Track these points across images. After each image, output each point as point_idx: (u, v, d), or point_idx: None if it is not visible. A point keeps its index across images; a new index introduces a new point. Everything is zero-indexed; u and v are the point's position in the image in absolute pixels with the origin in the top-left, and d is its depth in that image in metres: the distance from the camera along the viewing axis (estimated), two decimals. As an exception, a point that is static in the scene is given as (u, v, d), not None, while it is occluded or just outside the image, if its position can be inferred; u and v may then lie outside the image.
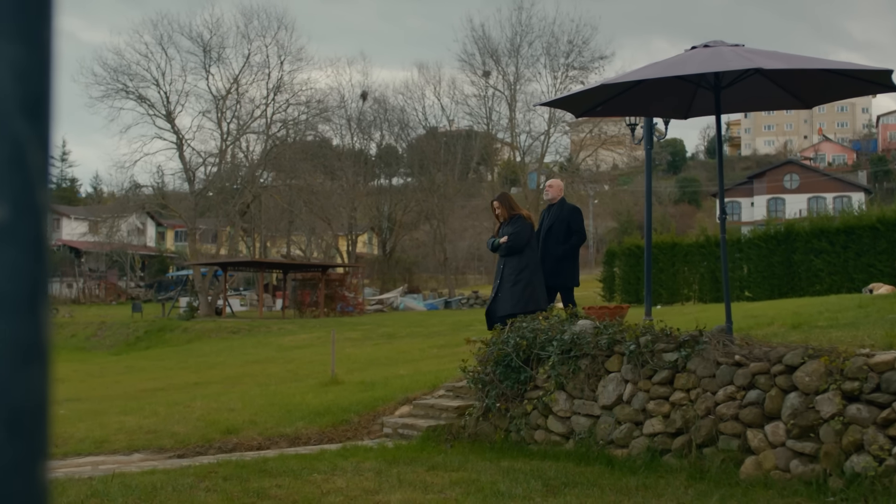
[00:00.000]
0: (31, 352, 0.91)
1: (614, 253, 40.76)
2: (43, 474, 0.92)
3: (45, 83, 0.93)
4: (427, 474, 8.90)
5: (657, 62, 9.59)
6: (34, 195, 0.92)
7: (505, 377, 10.60)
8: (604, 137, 60.74)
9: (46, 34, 0.93)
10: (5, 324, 0.90)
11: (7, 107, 0.91)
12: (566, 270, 12.71)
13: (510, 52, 57.92)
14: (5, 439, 0.89)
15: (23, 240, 0.91)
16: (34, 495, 0.91)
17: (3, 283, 0.90)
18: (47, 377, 0.93)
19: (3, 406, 0.89)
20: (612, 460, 9.27)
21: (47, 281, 0.93)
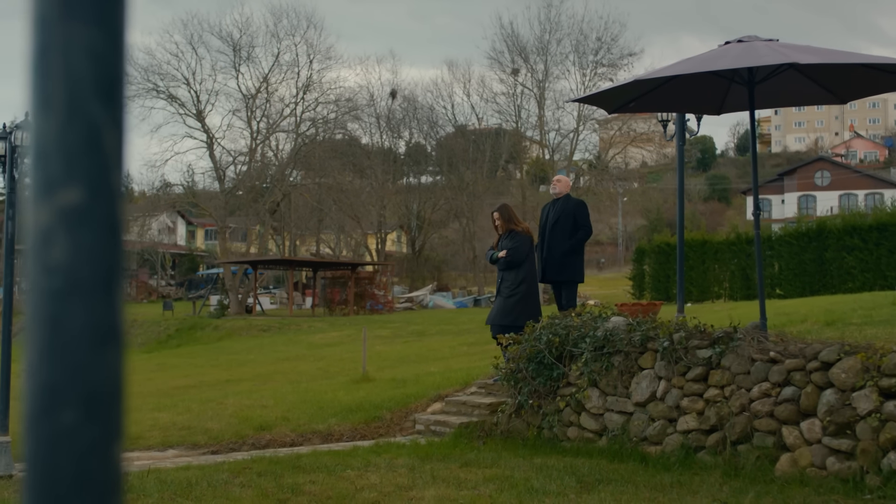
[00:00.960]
0: (108, 334, 0.92)
1: (644, 251, 40.65)
2: (119, 456, 0.93)
3: (119, 66, 0.94)
4: (460, 471, 8.90)
5: (690, 57, 9.55)
6: (109, 178, 0.93)
7: (537, 374, 10.58)
8: (633, 135, 60.53)
9: (119, 17, 0.94)
10: (82, 307, 0.91)
11: (83, 89, 0.92)
12: (572, 265, 12.53)
13: (539, 50, 57.83)
14: (83, 422, 0.90)
15: (98, 222, 0.92)
16: (111, 476, 0.92)
17: (79, 266, 0.91)
18: (122, 360, 0.94)
19: (81, 389, 0.90)
20: (646, 457, 9.24)
21: (122, 264, 0.94)
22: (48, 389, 0.90)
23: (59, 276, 0.90)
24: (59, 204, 0.90)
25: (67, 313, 0.90)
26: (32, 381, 0.91)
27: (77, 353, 0.90)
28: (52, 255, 0.90)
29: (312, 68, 56.70)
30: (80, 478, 0.90)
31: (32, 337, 0.91)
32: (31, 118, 0.92)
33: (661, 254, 38.42)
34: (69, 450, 0.89)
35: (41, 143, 0.91)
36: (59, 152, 0.91)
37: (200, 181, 61.49)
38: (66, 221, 0.90)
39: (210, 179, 57.94)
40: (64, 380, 0.90)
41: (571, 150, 59.23)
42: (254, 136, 54.62)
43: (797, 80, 10.04)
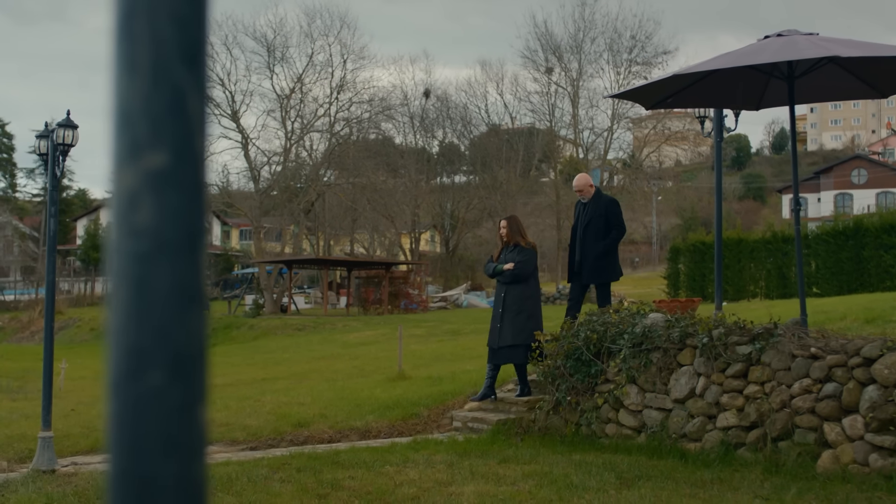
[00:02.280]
0: (192, 296, 0.93)
1: (679, 249, 40.43)
2: (203, 417, 0.93)
3: (202, 31, 0.94)
4: (499, 467, 8.89)
5: (729, 52, 9.49)
6: (193, 142, 0.93)
7: (575, 371, 10.56)
8: (668, 133, 60.26)
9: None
10: (167, 269, 0.91)
11: (167, 53, 0.92)
12: (607, 267, 12.22)
13: (573, 49, 57.69)
14: (169, 383, 0.91)
15: (183, 185, 0.92)
16: (195, 437, 0.93)
17: (164, 227, 0.91)
18: (204, 321, 0.94)
19: (166, 350, 0.91)
20: (685, 454, 9.20)
21: (205, 226, 0.94)
22: (134, 352, 0.90)
23: (145, 238, 0.90)
24: (145, 167, 0.91)
25: (153, 275, 0.90)
26: (118, 343, 0.91)
27: (162, 314, 0.91)
28: (137, 218, 0.91)
29: (346, 68, 56.84)
30: (166, 439, 0.90)
31: (118, 300, 0.91)
32: (115, 82, 0.93)
33: (696, 252, 38.20)
34: (156, 411, 0.90)
35: (126, 107, 0.92)
36: (144, 116, 0.91)
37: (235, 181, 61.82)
38: (152, 184, 0.91)
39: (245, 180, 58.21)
40: (150, 342, 0.90)
41: (605, 149, 59.05)
42: (288, 137, 54.82)
43: (838, 74, 9.96)
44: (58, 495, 7.75)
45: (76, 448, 10.91)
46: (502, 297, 11.79)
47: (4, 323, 53.59)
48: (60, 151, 9.40)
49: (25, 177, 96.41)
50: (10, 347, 42.05)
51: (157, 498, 0.90)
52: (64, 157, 9.45)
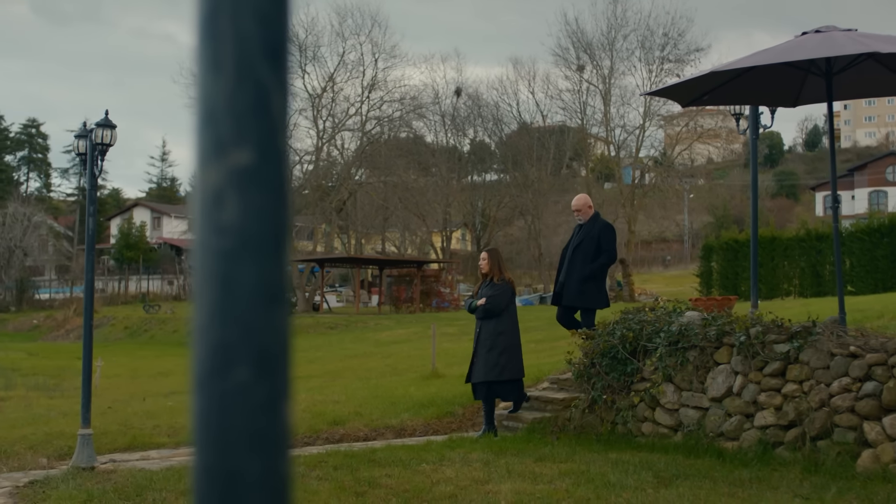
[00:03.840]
0: (276, 293, 0.93)
1: (711, 247, 40.24)
2: (287, 413, 0.94)
3: (285, 29, 0.95)
4: (535, 465, 8.88)
5: (766, 49, 9.43)
6: (277, 139, 0.94)
7: (611, 369, 10.53)
8: (700, 131, 59.96)
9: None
10: (253, 266, 0.92)
11: (251, 51, 0.93)
12: (590, 292, 11.53)
13: (604, 46, 57.49)
14: (255, 379, 0.91)
15: (267, 183, 0.93)
16: (280, 433, 0.93)
17: (249, 225, 0.92)
18: (288, 318, 0.95)
19: (252, 347, 0.91)
20: (723, 453, 9.15)
21: (289, 224, 0.95)
22: (220, 348, 0.91)
23: (230, 235, 0.91)
24: (230, 165, 0.91)
25: (238, 272, 0.91)
26: (204, 340, 0.92)
27: (248, 311, 0.91)
28: (223, 216, 0.91)
29: (377, 67, 56.97)
30: (252, 435, 0.91)
31: (203, 297, 0.92)
32: (199, 79, 0.93)
33: (728, 251, 38.02)
34: (242, 407, 0.90)
35: (210, 105, 0.92)
36: (229, 114, 0.92)
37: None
38: (237, 182, 0.91)
39: (277, 178, 58.38)
40: (236, 338, 0.91)
41: (637, 147, 58.83)
42: (319, 135, 55.01)
43: (876, 70, 9.87)
44: (98, 492, 7.81)
45: (114, 445, 11.00)
46: (477, 333, 11.54)
47: (40, 321, 54.09)
48: (99, 151, 9.47)
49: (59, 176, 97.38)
50: (46, 345, 42.45)
51: (243, 493, 0.90)
52: (102, 156, 9.53)
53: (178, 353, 34.77)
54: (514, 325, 11.48)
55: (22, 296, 63.14)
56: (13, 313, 59.42)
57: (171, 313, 50.22)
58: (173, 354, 34.22)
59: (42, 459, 10.21)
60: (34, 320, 54.93)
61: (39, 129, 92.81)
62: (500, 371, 11.17)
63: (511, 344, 11.36)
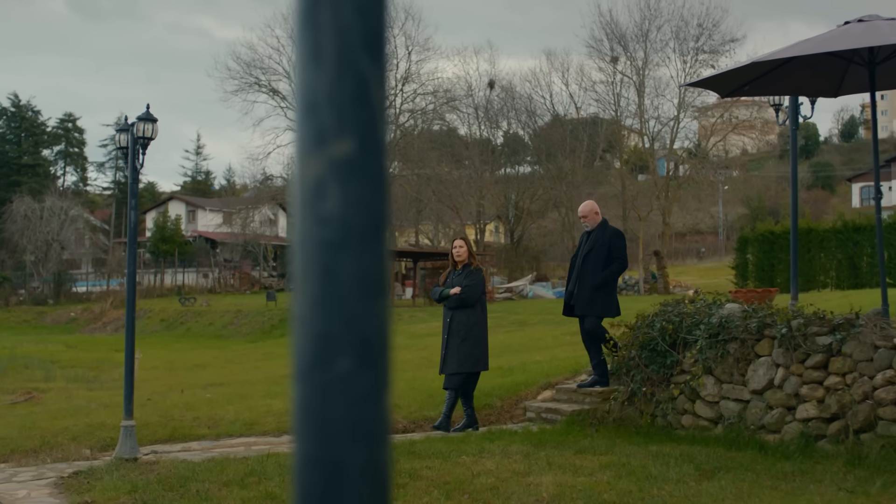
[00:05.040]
0: (377, 284, 0.93)
1: (747, 239, 40.02)
2: (388, 403, 0.94)
3: (383, 20, 0.95)
4: (575, 457, 8.87)
5: (808, 38, 9.36)
6: (377, 131, 0.94)
7: (650, 361, 10.50)
8: (735, 122, 59.55)
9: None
10: (354, 257, 0.92)
11: (352, 42, 0.93)
12: (601, 301, 11.27)
13: (638, 38, 57.16)
14: (357, 370, 0.92)
15: (368, 174, 0.93)
16: (381, 423, 0.93)
17: (351, 216, 0.92)
18: (388, 309, 0.95)
19: (354, 337, 0.92)
20: (764, 445, 9.10)
21: (388, 215, 0.95)
22: (323, 339, 0.91)
23: (332, 226, 0.91)
24: (332, 156, 0.92)
25: (340, 263, 0.91)
26: (306, 331, 0.92)
27: (350, 302, 0.92)
28: (324, 207, 0.92)
29: (411, 60, 57.02)
30: (354, 425, 0.91)
31: (305, 287, 0.92)
32: (299, 71, 0.94)
33: (764, 242, 37.79)
34: (344, 397, 0.91)
35: (311, 96, 0.93)
36: (330, 104, 0.92)
37: (300, 173, 62.07)
38: (338, 173, 0.92)
39: (311, 171, 58.59)
40: (338, 329, 0.91)
41: (671, 139, 58.52)
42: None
43: (920, 59, 9.76)
44: (142, 483, 7.88)
45: (155, 437, 11.08)
46: (448, 323, 11.41)
47: (77, 314, 54.56)
48: (140, 144, 9.54)
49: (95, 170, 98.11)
50: (84, 338, 42.82)
51: (345, 483, 0.91)
52: (144, 150, 9.59)
53: (215, 346, 35.00)
54: (485, 316, 11.44)
55: (59, 289, 63.70)
56: (51, 306, 59.98)
57: (207, 306, 50.53)
58: (210, 347, 34.46)
59: (85, 450, 10.30)
60: (72, 313, 55.42)
61: (76, 123, 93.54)
62: (474, 363, 11.16)
63: (484, 336, 11.36)
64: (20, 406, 15.05)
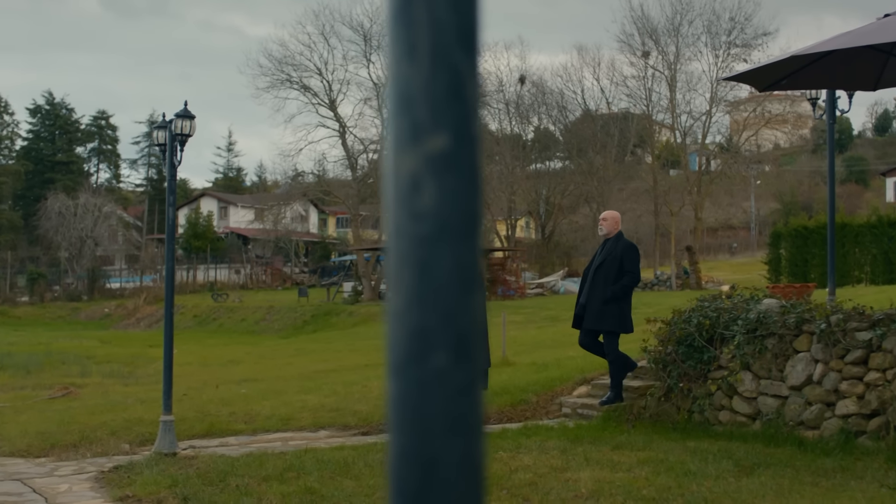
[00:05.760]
0: (471, 278, 0.93)
1: (780, 234, 39.78)
2: (481, 397, 0.94)
3: (477, 15, 0.95)
4: (612, 453, 8.85)
5: (847, 32, 9.28)
6: (472, 125, 0.94)
7: (687, 357, 10.45)
8: (767, 116, 59.13)
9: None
10: (449, 251, 0.92)
11: (446, 38, 0.93)
12: (612, 315, 10.94)
13: (670, 32, 56.82)
14: (453, 364, 0.92)
15: (463, 168, 0.93)
16: (476, 417, 0.94)
17: (446, 211, 0.92)
18: (482, 303, 0.95)
19: (450, 332, 0.92)
20: (803, 442, 9.05)
21: (482, 209, 0.95)
22: (419, 334, 0.92)
23: (428, 221, 0.92)
24: (427, 150, 0.92)
25: (435, 258, 0.92)
26: (401, 326, 0.93)
27: (446, 297, 0.92)
28: (420, 201, 0.92)
29: (441, 55, 56.82)
30: (450, 419, 0.91)
31: (401, 282, 0.93)
32: (393, 65, 0.94)
33: (797, 237, 37.55)
34: (440, 392, 0.91)
35: (406, 91, 0.93)
36: (425, 99, 0.92)
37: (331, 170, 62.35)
38: (433, 167, 0.92)
39: (342, 168, 58.77)
40: (434, 323, 0.91)
41: (703, 133, 58.23)
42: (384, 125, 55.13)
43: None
44: (182, 477, 7.93)
45: (192, 432, 11.14)
46: None
47: (111, 310, 54.98)
48: (178, 141, 9.60)
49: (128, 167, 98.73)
50: (118, 334, 43.14)
51: (442, 477, 0.91)
52: (182, 146, 9.65)
53: (248, 342, 35.15)
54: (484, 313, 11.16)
55: (93, 285, 64.19)
56: (85, 302, 60.46)
57: (239, 302, 50.77)
58: (243, 343, 34.62)
59: (124, 445, 10.38)
60: (105, 309, 55.85)
61: (109, 120, 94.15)
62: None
63: (484, 332, 11.07)
64: (58, 401, 15.18)
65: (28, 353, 26.89)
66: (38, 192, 77.06)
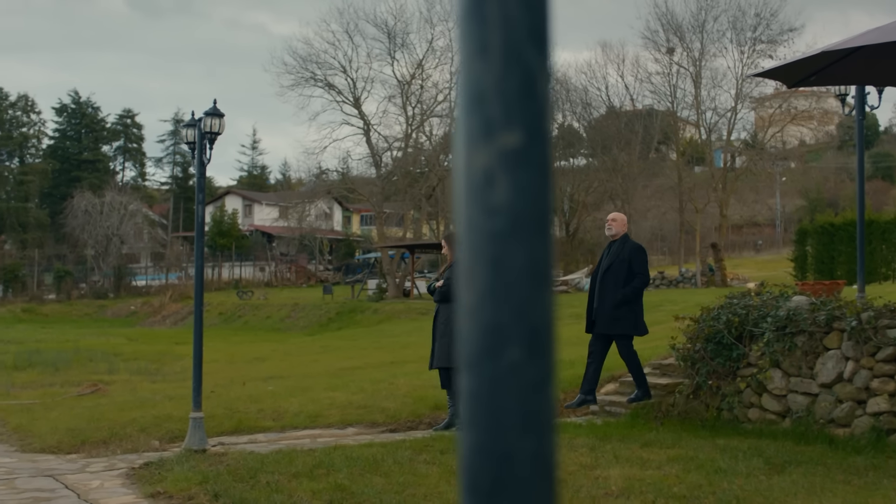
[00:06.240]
0: (544, 273, 0.94)
1: (806, 231, 39.57)
2: (553, 391, 0.94)
3: (547, 13, 0.95)
4: (642, 451, 8.84)
5: (879, 27, 9.21)
6: (543, 122, 0.94)
7: (716, 354, 10.42)
8: (793, 112, 58.79)
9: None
10: (522, 247, 0.92)
11: (518, 36, 0.93)
12: (624, 318, 10.70)
13: (695, 28, 56.54)
14: (527, 359, 0.92)
15: (535, 164, 0.94)
16: (550, 414, 0.94)
17: (519, 207, 0.93)
18: (553, 297, 0.95)
19: (523, 327, 0.92)
20: (834, 440, 9.01)
21: (552, 205, 0.95)
22: (492, 329, 0.92)
23: (501, 217, 0.92)
24: (500, 147, 0.92)
25: (509, 253, 0.92)
26: (474, 321, 0.93)
27: (519, 292, 0.92)
28: (493, 197, 0.92)
29: (466, 54, 56.80)
30: (524, 415, 0.92)
31: (473, 278, 0.93)
32: (465, 63, 0.94)
33: (824, 234, 37.34)
34: (514, 387, 0.91)
35: (478, 88, 0.93)
36: (498, 97, 0.93)
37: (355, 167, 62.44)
38: (506, 164, 0.92)
39: (365, 165, 58.85)
40: (508, 319, 0.92)
41: (729, 130, 57.94)
42: (409, 122, 55.20)
43: None
44: (212, 474, 7.96)
45: (221, 428, 11.19)
46: (434, 318, 11.31)
47: (137, 307, 55.27)
48: (207, 139, 9.64)
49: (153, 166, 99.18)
50: (144, 331, 43.36)
51: (515, 473, 0.91)
52: (211, 144, 9.68)
53: (274, 339, 35.25)
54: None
55: (119, 282, 64.55)
56: (111, 300, 60.79)
57: (264, 299, 50.92)
58: (269, 340, 34.73)
59: (154, 442, 10.44)
60: (132, 306, 56.15)
61: (134, 119, 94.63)
62: (449, 359, 10.78)
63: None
64: (87, 398, 15.27)
65: (56, 350, 27.05)
66: (64, 190, 77.58)
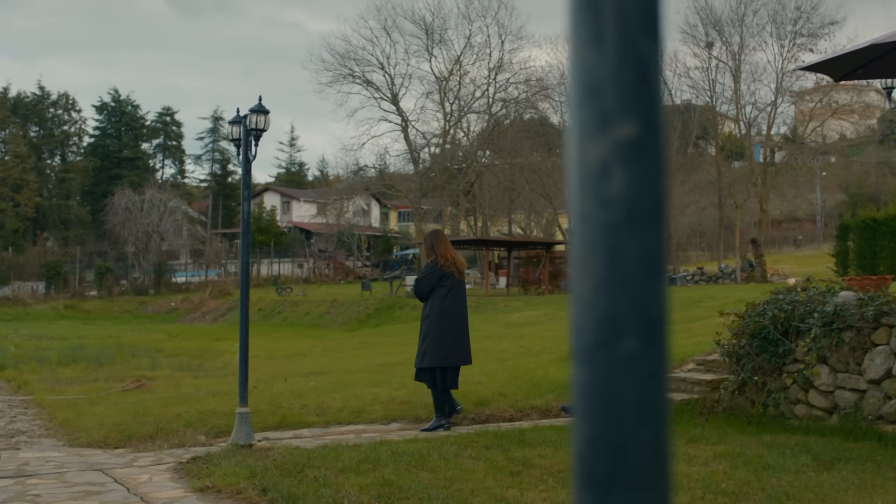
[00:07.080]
0: (658, 263, 0.94)
1: (847, 226, 39.13)
2: (667, 381, 0.94)
3: (660, 3, 0.95)
4: (688, 447, 8.80)
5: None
6: (657, 112, 0.94)
7: (762, 350, 10.35)
8: (834, 106, 58.24)
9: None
10: (638, 238, 0.92)
11: (632, 25, 0.93)
12: None
13: (734, 22, 56.19)
14: (643, 350, 0.92)
15: (650, 155, 0.93)
16: (663, 403, 0.94)
17: (635, 198, 0.92)
18: (668, 289, 0.95)
19: (639, 317, 0.92)
20: (883, 436, 8.92)
21: (667, 196, 0.95)
22: (608, 319, 0.92)
23: (617, 207, 0.92)
24: (615, 137, 0.92)
25: (625, 244, 0.92)
26: (590, 312, 0.93)
27: (634, 282, 0.92)
28: (608, 188, 0.92)
29: (504, 49, 56.94)
30: (640, 406, 0.92)
31: (588, 269, 0.93)
32: (578, 53, 0.94)
33: (866, 229, 36.91)
34: (630, 378, 0.91)
35: (592, 79, 0.93)
36: (613, 87, 0.93)
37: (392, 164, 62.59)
38: (622, 155, 0.92)
39: (403, 162, 58.98)
40: (624, 309, 0.92)
41: (769, 125, 57.49)
42: (447, 118, 55.23)
43: None
44: (260, 468, 8.01)
45: (265, 424, 11.24)
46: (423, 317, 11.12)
47: (177, 304, 55.67)
48: (253, 136, 9.68)
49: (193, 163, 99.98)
50: (184, 327, 43.65)
51: (631, 464, 0.91)
52: (256, 141, 9.73)
53: (313, 335, 35.38)
54: (436, 311, 10.71)
55: (159, 279, 65.03)
56: (151, 296, 61.27)
57: (303, 296, 51.11)
58: (308, 336, 34.86)
59: (200, 437, 10.50)
60: (172, 303, 56.56)
61: (173, 117, 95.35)
62: (420, 359, 10.81)
63: (430, 331, 10.74)
64: (131, 393, 15.40)
65: (99, 346, 27.29)
66: (105, 187, 78.38)
